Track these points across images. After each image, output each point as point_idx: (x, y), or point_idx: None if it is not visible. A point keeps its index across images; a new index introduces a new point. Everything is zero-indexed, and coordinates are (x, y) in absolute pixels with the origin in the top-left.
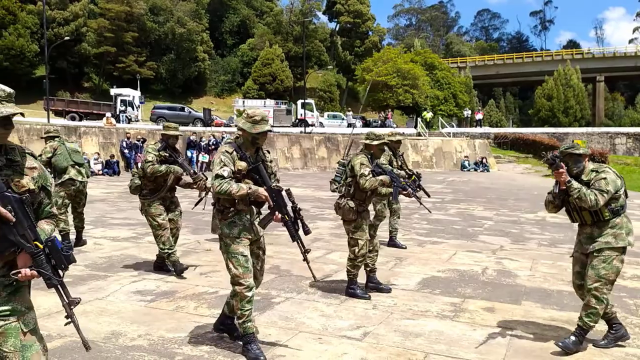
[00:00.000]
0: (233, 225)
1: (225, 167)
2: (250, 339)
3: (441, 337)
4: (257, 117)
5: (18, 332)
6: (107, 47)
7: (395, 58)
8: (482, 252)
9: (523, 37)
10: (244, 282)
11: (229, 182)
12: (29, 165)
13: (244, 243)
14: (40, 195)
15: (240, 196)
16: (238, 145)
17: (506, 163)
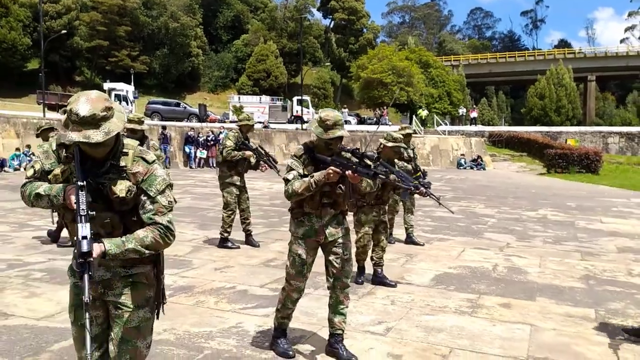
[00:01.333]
0: (300, 224)
1: (292, 170)
2: (280, 333)
3: (463, 332)
4: (329, 122)
5: (122, 323)
6: (100, 41)
7: (390, 55)
8: (490, 249)
9: (515, 36)
10: (293, 283)
11: (292, 183)
12: (134, 169)
13: (307, 245)
14: (142, 199)
15: (305, 189)
16: (310, 148)
17: (501, 161)
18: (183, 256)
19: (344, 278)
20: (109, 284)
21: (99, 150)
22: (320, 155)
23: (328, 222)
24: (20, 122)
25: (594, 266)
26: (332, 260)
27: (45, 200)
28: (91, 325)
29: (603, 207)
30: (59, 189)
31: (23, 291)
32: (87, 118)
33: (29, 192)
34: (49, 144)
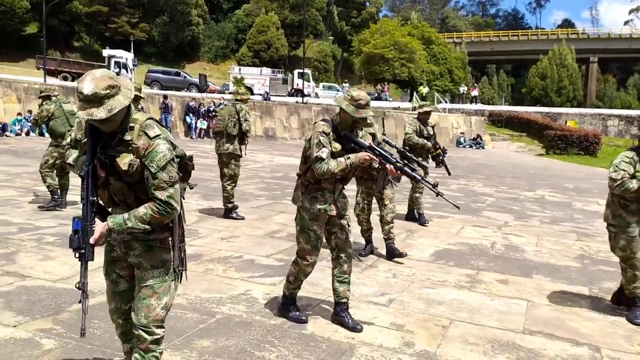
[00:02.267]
0: (314, 200)
1: (324, 148)
2: (291, 301)
3: (462, 305)
4: (362, 102)
5: (139, 282)
6: (99, 7)
7: (392, 31)
8: (488, 227)
9: (519, 14)
10: (309, 259)
11: (327, 162)
12: (138, 144)
13: (321, 220)
14: (145, 173)
15: (341, 170)
16: (335, 125)
17: (500, 141)
18: (190, 225)
19: (347, 249)
20: (129, 245)
21: (107, 126)
22: (352, 135)
23: (338, 196)
24: (21, 87)
25: (589, 247)
26: (336, 232)
27: (74, 170)
28: (120, 280)
29: (600, 189)
30: (82, 162)
31: (37, 254)
32: (90, 97)
33: (66, 159)
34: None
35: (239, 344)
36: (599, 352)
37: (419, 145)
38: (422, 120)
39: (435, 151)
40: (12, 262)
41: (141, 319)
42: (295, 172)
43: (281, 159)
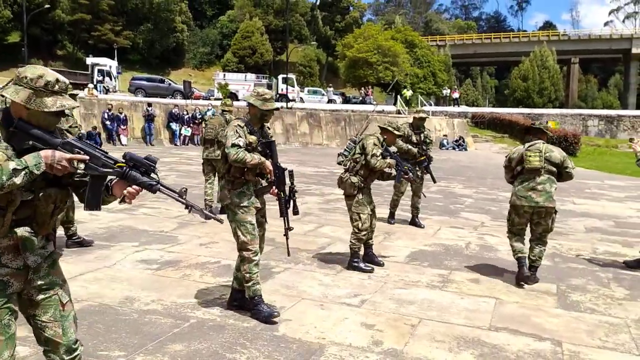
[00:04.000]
0: (242, 195)
1: (241, 137)
2: (259, 299)
3: (432, 304)
4: (267, 96)
5: (57, 303)
6: (82, 15)
7: (376, 35)
8: (465, 228)
9: (501, 17)
10: (251, 248)
11: (244, 151)
12: None
13: (252, 212)
14: None
15: (252, 165)
16: (247, 121)
17: (483, 142)
18: (169, 232)
19: (262, 244)
20: (37, 269)
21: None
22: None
23: (259, 191)
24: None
25: (561, 245)
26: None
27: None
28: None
29: (577, 188)
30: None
31: None
32: (67, 86)
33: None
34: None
35: (212, 347)
36: (560, 346)
37: (403, 150)
38: (415, 125)
39: (421, 157)
40: None
41: (71, 335)
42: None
43: None
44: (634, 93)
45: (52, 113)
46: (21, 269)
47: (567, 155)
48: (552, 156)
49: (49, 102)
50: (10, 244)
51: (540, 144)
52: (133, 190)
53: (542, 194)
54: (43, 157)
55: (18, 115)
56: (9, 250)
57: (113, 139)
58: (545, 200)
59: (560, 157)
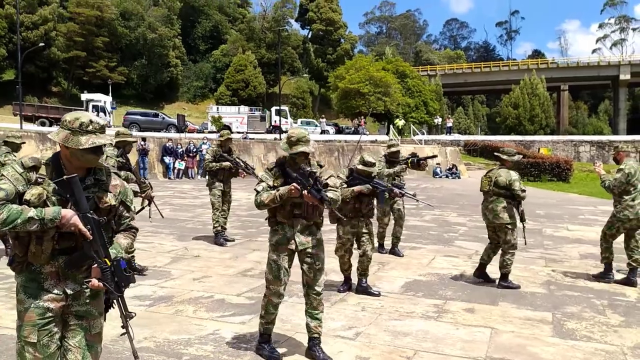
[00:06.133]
0: (275, 233)
1: (262, 182)
2: (266, 339)
3: (427, 335)
4: (292, 138)
5: (86, 331)
6: (77, 52)
7: (367, 66)
8: (459, 256)
9: (490, 46)
10: (272, 288)
11: (260, 194)
12: (113, 183)
13: (280, 252)
14: (120, 209)
15: (270, 201)
16: (282, 163)
17: (476, 170)
18: (162, 267)
19: (315, 286)
20: (77, 296)
21: (99, 158)
22: (290, 169)
23: (299, 232)
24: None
25: (556, 272)
26: (305, 270)
27: (35, 224)
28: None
29: (570, 214)
30: (55, 212)
31: (7, 303)
32: (103, 126)
33: (8, 216)
34: (13, 167)
35: None
36: None
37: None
38: (390, 161)
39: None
40: None
41: None
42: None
43: None
44: (624, 119)
45: (87, 150)
46: (61, 295)
47: (517, 178)
48: (498, 180)
49: (82, 140)
50: (52, 271)
51: (495, 170)
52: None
53: (491, 212)
54: (62, 215)
55: (63, 155)
56: (51, 276)
57: None
58: (493, 218)
59: (505, 180)
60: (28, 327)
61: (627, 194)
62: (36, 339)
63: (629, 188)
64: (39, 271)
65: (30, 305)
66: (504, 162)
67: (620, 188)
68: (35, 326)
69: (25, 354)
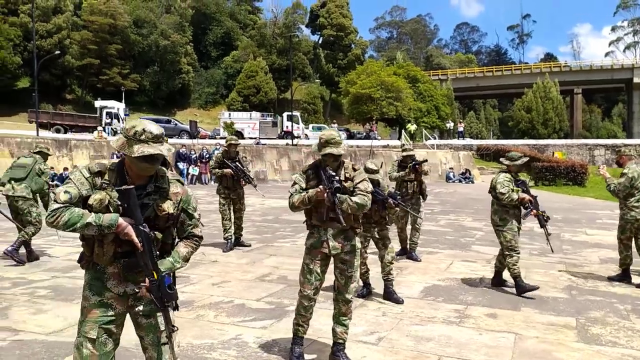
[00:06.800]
0: (310, 236)
1: (295, 184)
2: (297, 340)
3: (450, 341)
4: (322, 140)
5: (156, 329)
6: (91, 60)
7: (378, 71)
8: (477, 261)
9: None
10: (303, 291)
11: (292, 196)
12: (174, 190)
13: (313, 256)
14: (181, 217)
15: (300, 203)
16: (317, 165)
17: (489, 174)
18: (181, 272)
19: (345, 293)
20: (139, 297)
21: (156, 167)
22: (322, 171)
23: (333, 236)
24: (14, 142)
25: (577, 277)
26: (336, 275)
27: (93, 230)
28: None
29: (588, 219)
30: (112, 220)
31: (30, 308)
32: (158, 136)
33: (69, 219)
34: (80, 172)
35: None
36: None
37: (399, 179)
38: (404, 166)
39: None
40: (5, 317)
41: (167, 356)
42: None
43: (272, 202)
44: (638, 122)
45: (140, 158)
46: (122, 295)
47: (502, 180)
48: (491, 184)
49: (134, 149)
50: (115, 272)
51: (496, 174)
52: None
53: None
54: (118, 224)
55: (126, 162)
56: (114, 277)
57: None
58: (491, 220)
59: (493, 183)
60: (90, 323)
61: (632, 196)
62: (95, 335)
63: (633, 191)
64: (103, 271)
65: (94, 302)
66: (508, 167)
67: (624, 192)
68: (97, 323)
69: (82, 349)
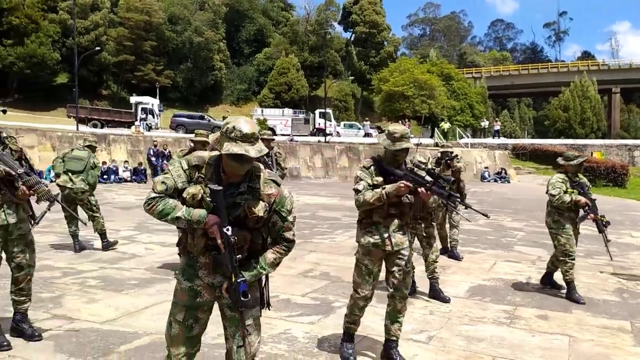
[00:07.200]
0: (368, 234)
1: (362, 181)
2: (348, 338)
3: (503, 342)
4: (396, 134)
5: (239, 322)
6: (126, 56)
7: (411, 68)
8: (521, 262)
9: (537, 47)
10: (360, 292)
11: (363, 193)
12: (269, 192)
13: (373, 256)
14: (273, 218)
15: (377, 200)
16: (378, 161)
17: (526, 174)
18: None
19: (403, 289)
20: None
21: (245, 167)
22: (391, 168)
23: (394, 232)
24: (55, 136)
25: (626, 279)
26: (394, 272)
27: (183, 223)
28: (195, 326)
29: (631, 221)
30: (201, 217)
31: (82, 297)
32: (248, 135)
33: (163, 209)
34: (179, 163)
35: None
36: None
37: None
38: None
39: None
40: (59, 305)
41: (242, 357)
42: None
43: (306, 199)
44: None
45: (229, 156)
46: (210, 285)
47: (554, 181)
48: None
49: (225, 146)
50: (206, 262)
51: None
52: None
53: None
54: (207, 219)
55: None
56: (205, 266)
57: (158, 174)
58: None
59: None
60: (179, 306)
61: None
62: (182, 318)
63: None
64: (196, 259)
65: (185, 287)
66: (564, 167)
67: None
68: (185, 307)
69: (172, 328)
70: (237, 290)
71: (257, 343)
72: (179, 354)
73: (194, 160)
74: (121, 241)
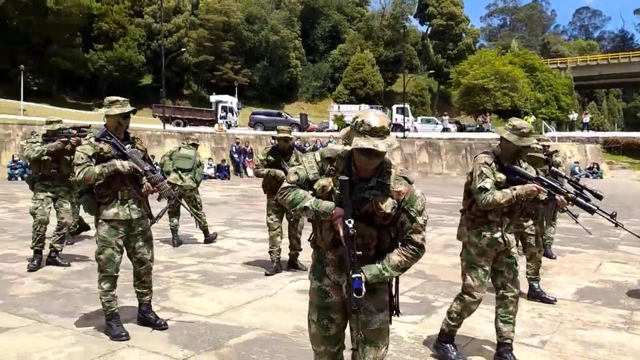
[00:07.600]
0: (479, 235)
1: (488, 178)
2: (450, 339)
3: (624, 348)
4: (525, 130)
5: (364, 326)
6: (206, 56)
7: (493, 60)
8: (629, 263)
9: (627, 35)
10: (476, 295)
11: (492, 192)
12: (398, 189)
13: (488, 256)
14: (401, 218)
15: (507, 201)
16: (497, 156)
17: (620, 169)
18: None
19: (515, 289)
20: None
21: (375, 162)
22: (516, 167)
23: (506, 230)
24: (145, 135)
25: None
26: (503, 271)
27: (311, 214)
28: (331, 325)
29: None
30: (327, 208)
31: (186, 291)
32: (377, 129)
33: (293, 199)
34: (313, 155)
35: None
36: None
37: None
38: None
39: None
40: (166, 298)
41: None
42: (459, 209)
43: None
44: None
45: (358, 150)
46: (336, 283)
47: None
48: None
49: (354, 140)
50: (333, 259)
51: None
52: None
53: None
54: (334, 212)
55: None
56: (332, 263)
57: (240, 171)
58: None
59: None
60: (312, 305)
61: None
62: (316, 318)
63: None
64: (324, 255)
65: (315, 287)
66: None
67: None
68: (317, 307)
69: (310, 328)
70: (350, 285)
71: (384, 349)
72: (320, 351)
73: (326, 153)
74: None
